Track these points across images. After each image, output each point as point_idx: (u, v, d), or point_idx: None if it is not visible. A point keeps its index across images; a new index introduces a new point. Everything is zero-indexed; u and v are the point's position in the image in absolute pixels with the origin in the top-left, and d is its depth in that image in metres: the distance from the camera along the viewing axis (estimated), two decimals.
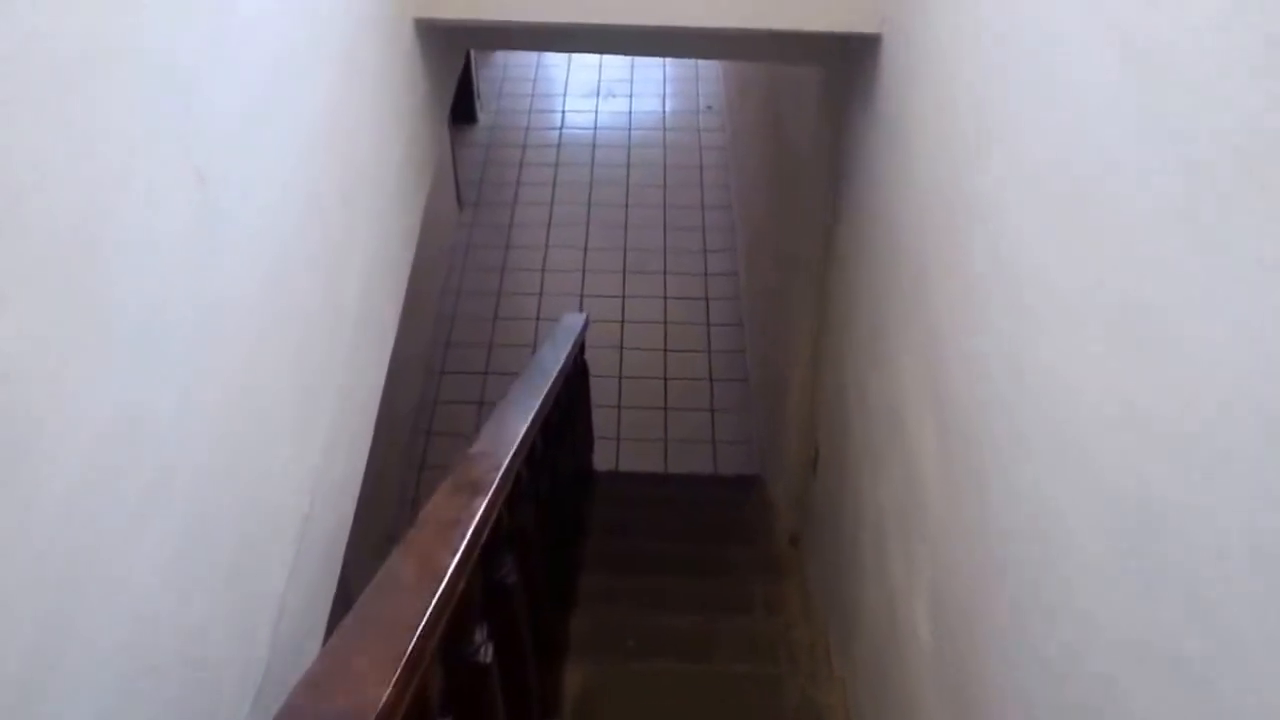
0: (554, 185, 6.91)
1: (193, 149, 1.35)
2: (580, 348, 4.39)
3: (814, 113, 3.58)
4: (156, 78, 1.25)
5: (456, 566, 1.89)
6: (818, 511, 3.59)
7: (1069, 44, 1.36)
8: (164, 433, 1.27)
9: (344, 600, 3.50)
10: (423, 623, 1.47)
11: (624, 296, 6.09)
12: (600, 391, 5.40)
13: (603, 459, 5.09)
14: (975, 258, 1.78)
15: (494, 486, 2.25)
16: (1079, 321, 1.31)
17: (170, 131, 1.29)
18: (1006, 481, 1.64)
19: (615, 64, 8.07)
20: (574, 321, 4.23)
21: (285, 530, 1.78)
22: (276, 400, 1.69)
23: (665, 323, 5.93)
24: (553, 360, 3.53)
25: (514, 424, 2.72)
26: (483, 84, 7.62)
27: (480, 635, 1.90)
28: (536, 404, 2.99)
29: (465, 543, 1.98)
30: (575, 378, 4.22)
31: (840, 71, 3.02)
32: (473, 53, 7.26)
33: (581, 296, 6.08)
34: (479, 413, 5.35)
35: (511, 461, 2.46)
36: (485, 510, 2.15)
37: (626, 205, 6.75)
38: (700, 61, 8.10)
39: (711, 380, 5.62)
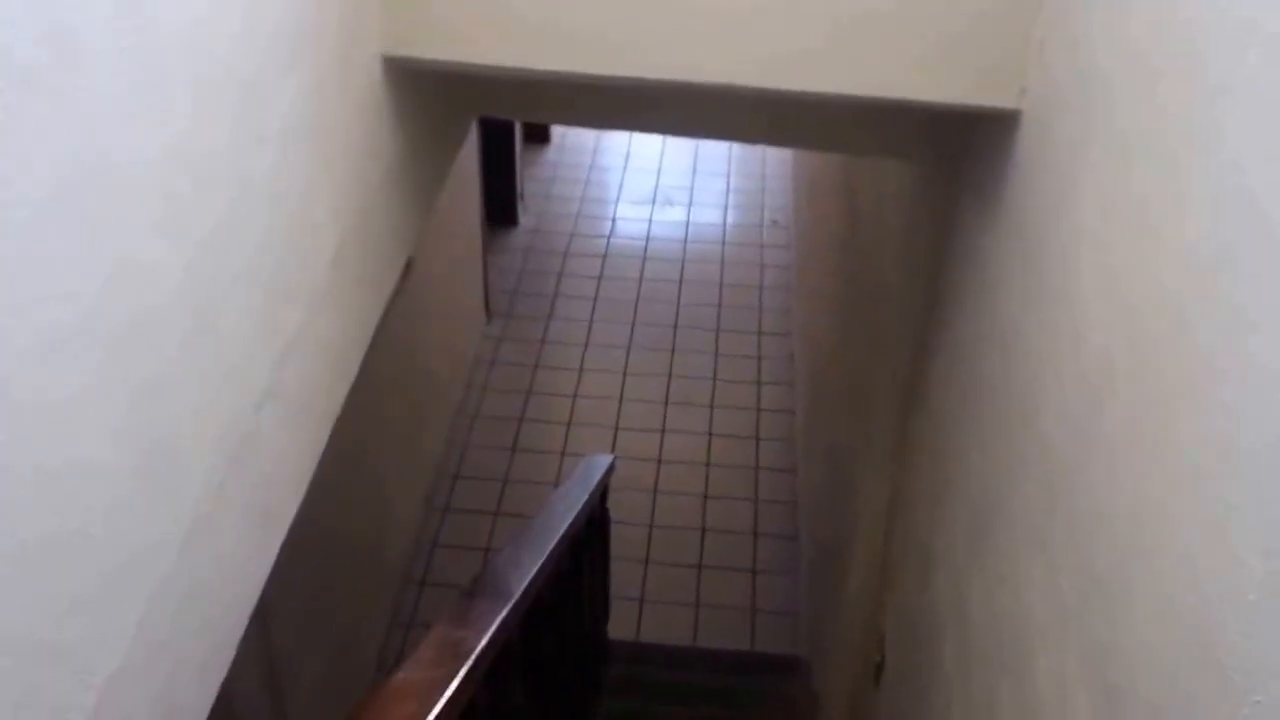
0: (595, 300, 6.24)
1: None
2: (602, 495, 3.66)
3: (901, 220, 2.88)
4: None
5: None
6: None
7: None
8: None
9: None
10: None
11: (663, 430, 5.35)
12: (626, 542, 4.64)
13: (621, 625, 4.30)
14: (1195, 456, 1.03)
15: None
16: None
17: None
18: None
19: (675, 169, 7.47)
20: (595, 467, 3.50)
21: None
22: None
23: (708, 464, 5.17)
24: (558, 521, 2.79)
25: (473, 634, 1.98)
26: (528, 184, 7.03)
27: None
28: (516, 594, 2.25)
29: None
30: (591, 535, 3.47)
31: (943, 164, 2.31)
32: (519, 150, 6.69)
33: (616, 429, 5.36)
34: (485, 560, 4.59)
35: (453, 699, 1.71)
36: None
37: (675, 326, 6.06)
38: (768, 171, 7.48)
39: (756, 535, 4.84)
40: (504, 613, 2.12)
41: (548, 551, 2.56)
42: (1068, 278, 1.44)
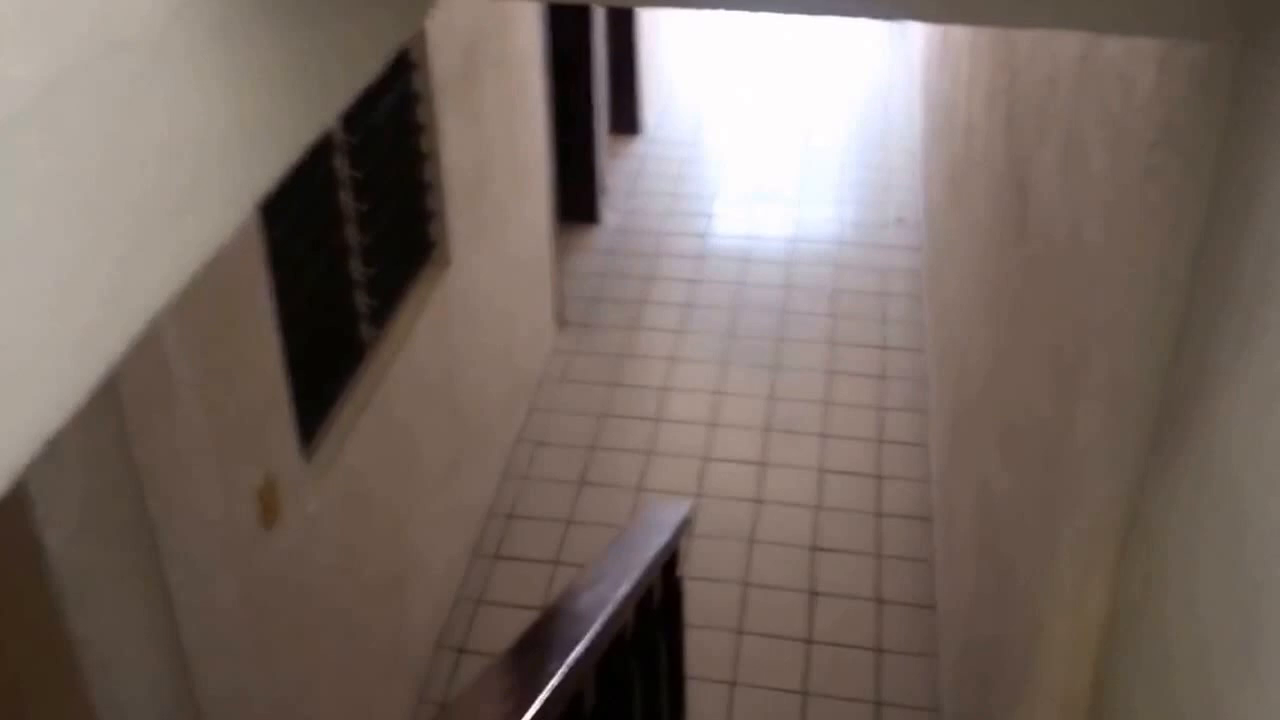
0: (688, 307, 5.31)
1: None
2: (669, 561, 2.71)
3: (1134, 179, 1.87)
4: None
5: None
6: None
7: None
8: None
9: None
10: None
11: (764, 464, 4.38)
12: (712, 607, 3.70)
13: (705, 717, 3.35)
14: None
15: None
16: None
17: None
18: None
19: (784, 160, 6.55)
20: (657, 524, 2.55)
21: None
22: None
23: (818, 508, 4.18)
24: (581, 627, 1.87)
25: None
26: (612, 177, 6.15)
27: None
28: None
29: None
30: (647, 627, 2.52)
31: (1245, 47, 1.31)
32: (602, 139, 5.80)
33: (705, 461, 4.40)
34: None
35: None
36: None
37: (780, 339, 5.09)
38: (892, 162, 6.45)
39: (880, 601, 3.82)
40: None
41: (561, 673, 1.63)
42: None
